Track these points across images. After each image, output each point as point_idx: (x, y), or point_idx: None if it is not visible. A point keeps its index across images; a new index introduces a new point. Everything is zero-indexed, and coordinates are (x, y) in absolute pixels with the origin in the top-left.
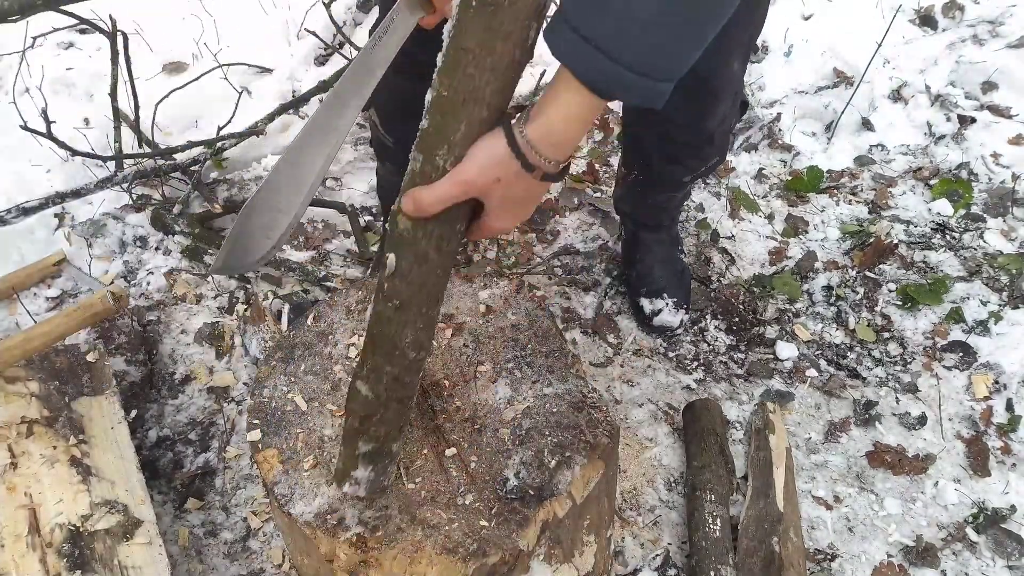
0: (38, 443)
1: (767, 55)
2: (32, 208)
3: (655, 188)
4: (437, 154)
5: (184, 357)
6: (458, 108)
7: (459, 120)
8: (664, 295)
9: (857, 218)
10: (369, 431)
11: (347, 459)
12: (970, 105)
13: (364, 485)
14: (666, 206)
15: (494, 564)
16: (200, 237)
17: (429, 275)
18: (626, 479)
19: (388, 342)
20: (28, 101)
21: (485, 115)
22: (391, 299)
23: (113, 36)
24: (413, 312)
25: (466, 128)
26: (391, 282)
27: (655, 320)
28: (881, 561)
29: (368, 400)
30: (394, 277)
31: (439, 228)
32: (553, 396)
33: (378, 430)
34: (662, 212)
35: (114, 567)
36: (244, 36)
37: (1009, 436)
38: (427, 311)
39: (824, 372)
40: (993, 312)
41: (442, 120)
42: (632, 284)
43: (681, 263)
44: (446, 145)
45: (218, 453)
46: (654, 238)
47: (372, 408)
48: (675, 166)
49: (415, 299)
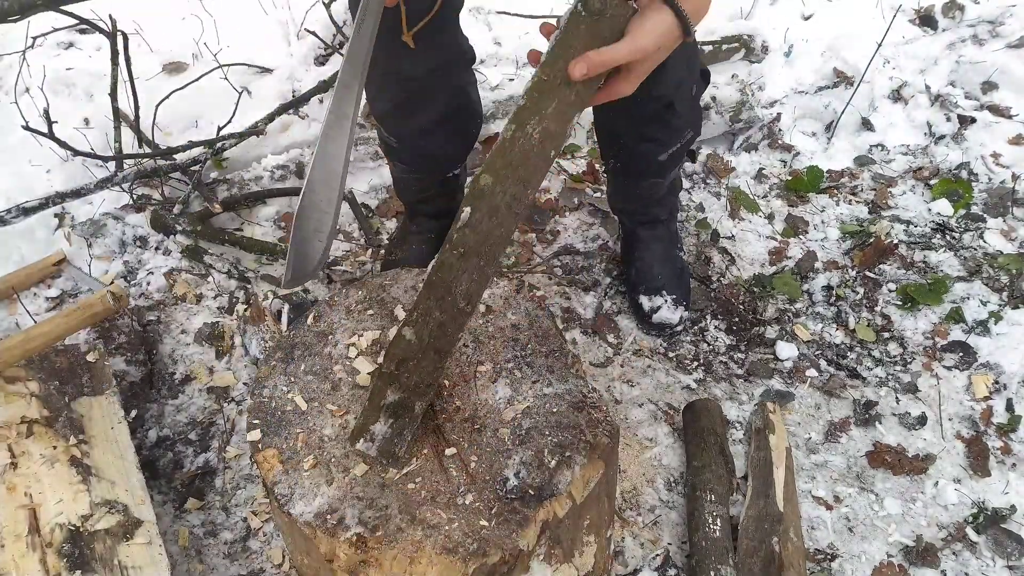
0: (38, 443)
1: (767, 55)
2: (32, 208)
3: (636, 174)
4: (529, 123)
5: (184, 357)
6: (553, 89)
7: (552, 99)
8: (663, 292)
9: (857, 218)
10: (402, 378)
11: (369, 412)
12: (970, 105)
13: (378, 442)
14: (655, 196)
15: (494, 564)
16: (202, 236)
17: (494, 229)
18: (626, 479)
19: (443, 287)
20: (28, 101)
21: (572, 98)
22: (457, 247)
23: (113, 36)
24: (472, 262)
25: (556, 105)
26: (461, 232)
27: (654, 317)
28: (881, 561)
29: (410, 344)
30: (465, 228)
31: (515, 186)
32: (553, 396)
33: (410, 378)
34: (654, 205)
35: (114, 567)
36: (244, 36)
37: (1009, 436)
38: (484, 266)
39: (824, 372)
40: (993, 312)
41: (539, 98)
42: (631, 282)
43: (680, 261)
44: (537, 116)
45: (218, 453)
46: (652, 235)
47: (411, 352)
48: (647, 144)
49: (477, 250)
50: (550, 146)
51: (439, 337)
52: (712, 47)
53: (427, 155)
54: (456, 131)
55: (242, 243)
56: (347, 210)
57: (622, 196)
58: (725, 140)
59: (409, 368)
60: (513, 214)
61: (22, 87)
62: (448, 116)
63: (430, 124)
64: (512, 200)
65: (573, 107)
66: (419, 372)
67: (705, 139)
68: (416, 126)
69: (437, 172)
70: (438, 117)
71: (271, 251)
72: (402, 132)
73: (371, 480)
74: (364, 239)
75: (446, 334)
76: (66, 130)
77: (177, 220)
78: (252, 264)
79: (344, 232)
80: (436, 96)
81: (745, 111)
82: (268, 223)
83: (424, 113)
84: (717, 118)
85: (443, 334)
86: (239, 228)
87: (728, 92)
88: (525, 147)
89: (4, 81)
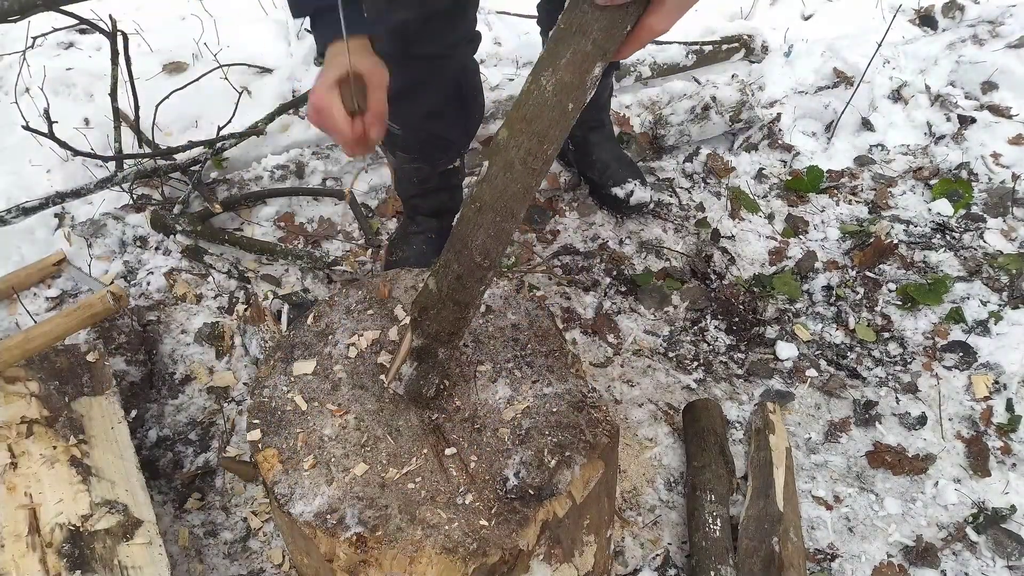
0: (38, 443)
1: (767, 55)
2: (32, 208)
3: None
4: (543, 75)
5: (184, 357)
6: (568, 37)
7: (567, 48)
8: (628, 180)
9: (857, 218)
10: (424, 324)
11: (401, 356)
12: (970, 105)
13: (405, 382)
14: (603, 100)
15: (494, 564)
16: (202, 236)
17: (510, 184)
18: (626, 479)
19: (460, 241)
20: (28, 101)
21: (588, 48)
22: (475, 201)
23: (113, 36)
24: (489, 217)
25: (570, 56)
26: (479, 186)
27: (632, 200)
28: (881, 561)
29: (431, 293)
30: (483, 182)
31: (529, 141)
32: (553, 396)
33: (431, 326)
34: (601, 109)
35: (114, 567)
36: (244, 36)
37: (1009, 436)
38: (500, 221)
39: (824, 372)
40: (993, 312)
41: (554, 47)
42: (596, 182)
43: (623, 152)
44: (551, 68)
45: (218, 453)
46: (601, 136)
47: (432, 301)
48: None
49: (493, 205)
50: (566, 99)
51: (457, 289)
52: (712, 47)
53: (432, 138)
54: (462, 113)
55: (242, 243)
56: (347, 210)
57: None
58: (725, 140)
59: (430, 316)
60: (529, 170)
61: (22, 87)
62: (455, 97)
63: (438, 105)
64: (527, 155)
65: (590, 58)
66: (439, 321)
67: (705, 139)
68: (423, 108)
69: (439, 159)
70: (445, 98)
71: (271, 251)
72: (408, 116)
73: (371, 480)
74: (364, 239)
75: (464, 286)
76: (66, 130)
77: (177, 220)
78: (252, 264)
79: (344, 232)
80: (444, 77)
81: (745, 111)
82: (268, 223)
83: (432, 94)
84: (717, 118)
85: (461, 286)
86: (239, 228)
87: (728, 92)
88: (539, 100)
89: (4, 81)
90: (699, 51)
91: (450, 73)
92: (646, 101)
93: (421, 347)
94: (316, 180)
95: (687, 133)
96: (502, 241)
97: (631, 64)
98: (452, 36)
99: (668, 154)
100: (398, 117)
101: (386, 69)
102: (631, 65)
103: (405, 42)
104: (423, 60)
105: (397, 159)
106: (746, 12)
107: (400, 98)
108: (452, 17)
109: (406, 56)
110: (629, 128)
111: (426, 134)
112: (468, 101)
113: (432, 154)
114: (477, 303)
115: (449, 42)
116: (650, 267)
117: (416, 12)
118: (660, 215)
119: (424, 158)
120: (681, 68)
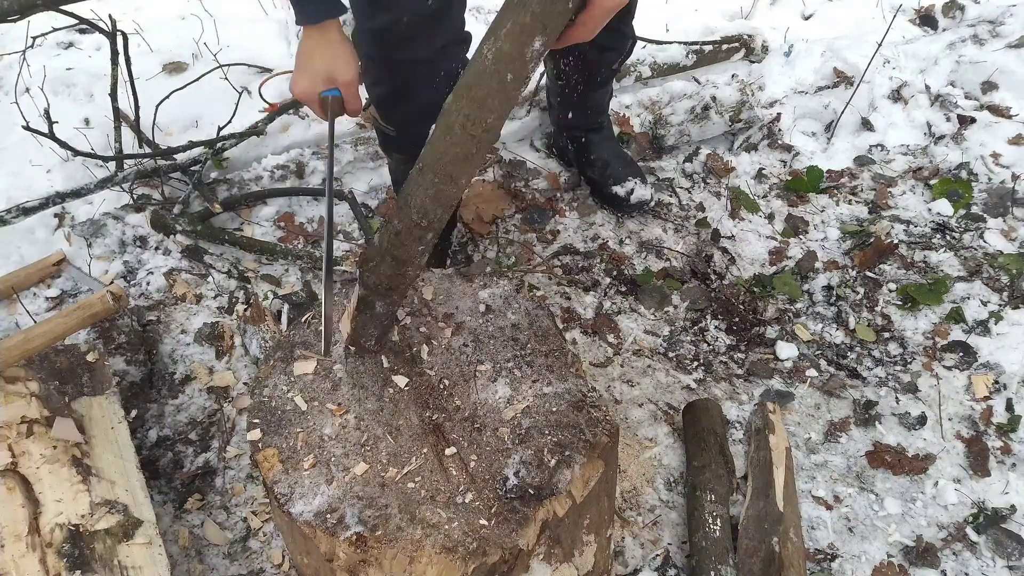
0: (38, 443)
1: (767, 55)
2: (32, 208)
3: (597, 84)
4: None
5: (184, 357)
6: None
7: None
8: (629, 178)
9: (857, 218)
10: (365, 276)
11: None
12: (970, 105)
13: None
14: (604, 103)
15: (494, 563)
16: (202, 236)
17: (449, 147)
18: (626, 479)
19: (404, 199)
20: (28, 101)
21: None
22: (419, 162)
23: (113, 36)
24: (428, 178)
25: (510, 26)
26: (425, 148)
27: (632, 198)
28: (881, 561)
29: (374, 247)
30: (428, 144)
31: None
32: (553, 395)
33: (370, 277)
34: (601, 112)
35: (114, 567)
36: (244, 36)
37: (1009, 436)
38: (439, 183)
39: (824, 372)
40: (993, 312)
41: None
42: (597, 181)
43: (623, 151)
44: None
45: (218, 453)
46: (600, 137)
47: (372, 255)
48: (608, 53)
49: (433, 166)
50: (505, 69)
51: (396, 246)
52: (712, 47)
53: (425, 140)
54: None
55: (242, 243)
56: (347, 210)
57: (578, 110)
58: (725, 140)
59: (370, 268)
60: (468, 135)
61: (22, 87)
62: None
63: (428, 108)
64: (465, 120)
65: (528, 29)
66: (377, 274)
67: (705, 139)
68: (414, 111)
69: None
70: (436, 100)
71: (271, 251)
72: (400, 118)
73: (371, 479)
74: (364, 239)
75: (402, 243)
76: (66, 130)
77: (177, 220)
78: (252, 264)
79: (344, 232)
80: (434, 79)
81: (745, 111)
82: (268, 223)
83: (422, 97)
84: (717, 118)
85: (400, 243)
86: (239, 228)
87: (728, 92)
88: (479, 68)
89: (4, 81)
90: (699, 51)
91: (441, 74)
92: (646, 101)
93: (362, 297)
94: (316, 180)
95: (687, 133)
96: (441, 204)
97: (631, 64)
98: (439, 39)
99: (668, 154)
100: (391, 118)
101: (353, 57)
102: (631, 65)
103: (389, 46)
104: (411, 64)
105: (394, 160)
106: (746, 12)
107: (391, 101)
108: (434, 21)
109: (393, 59)
110: (629, 128)
111: (420, 135)
112: None
113: None
114: (416, 263)
115: (435, 47)
116: (650, 267)
117: (396, 15)
118: (660, 215)
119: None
120: (681, 68)
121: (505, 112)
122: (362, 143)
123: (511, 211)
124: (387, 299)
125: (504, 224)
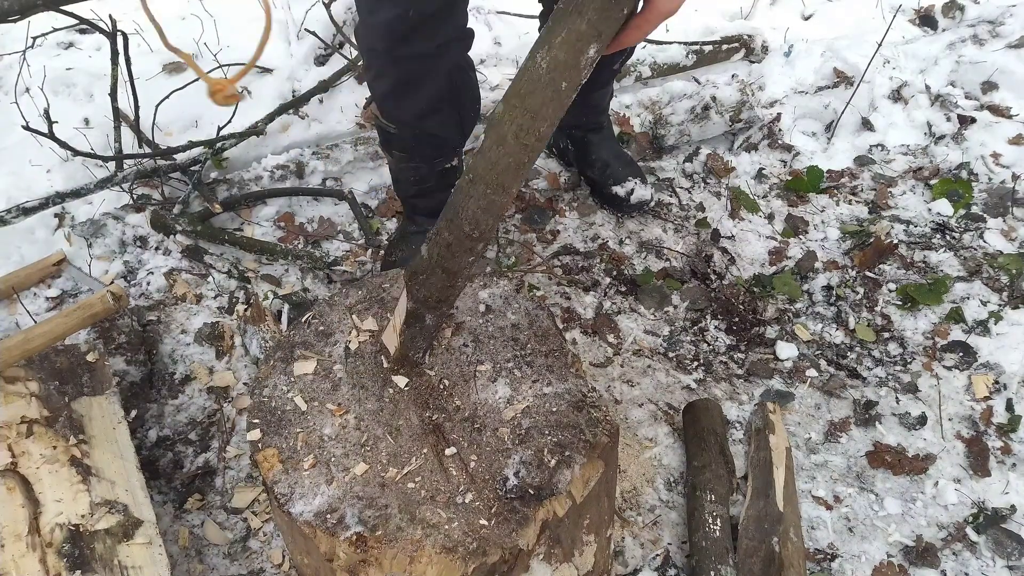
0: (38, 443)
1: (767, 55)
2: (32, 208)
3: (599, 85)
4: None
5: (184, 357)
6: (565, 17)
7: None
8: (629, 178)
9: (857, 218)
10: (414, 289)
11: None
12: (970, 105)
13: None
14: (604, 104)
15: (494, 563)
16: (202, 236)
17: (502, 158)
18: (626, 479)
19: (453, 210)
20: (28, 101)
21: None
22: (469, 173)
23: (113, 36)
24: (480, 188)
25: (565, 35)
26: (475, 159)
27: (632, 199)
28: (881, 561)
29: (422, 259)
30: (478, 154)
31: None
32: (553, 395)
33: (420, 291)
34: (601, 112)
35: (114, 567)
36: (244, 36)
37: (1009, 436)
38: (491, 194)
39: (824, 372)
40: (993, 312)
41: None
42: (597, 181)
43: (623, 151)
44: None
45: (218, 453)
46: (600, 137)
47: (422, 267)
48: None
49: (484, 177)
50: (560, 78)
51: (446, 257)
52: (712, 47)
53: (426, 137)
54: (455, 112)
55: (242, 243)
56: (347, 210)
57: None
58: (725, 140)
59: (419, 281)
60: (521, 145)
61: (22, 87)
62: (447, 95)
63: (430, 104)
64: (519, 130)
65: (584, 37)
66: (427, 287)
67: (705, 139)
68: (416, 107)
69: (435, 158)
70: (438, 96)
71: (271, 251)
72: (401, 115)
73: (371, 479)
74: (364, 239)
75: (453, 255)
76: (66, 130)
77: (177, 220)
78: (252, 264)
79: (344, 232)
80: (436, 75)
81: (745, 111)
82: (268, 223)
83: (424, 92)
84: (717, 118)
85: (450, 255)
86: (239, 228)
87: (728, 92)
88: (533, 77)
89: (4, 81)
90: (699, 51)
91: (443, 71)
92: (646, 101)
93: (411, 311)
94: (316, 180)
95: (687, 133)
96: (492, 214)
97: (631, 64)
98: (442, 35)
99: (668, 154)
100: (391, 116)
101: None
102: (631, 65)
103: (393, 40)
104: (414, 59)
105: (394, 158)
106: (746, 12)
107: (392, 96)
108: (441, 15)
109: (396, 54)
110: (629, 128)
111: (420, 133)
112: (462, 99)
113: (427, 153)
114: (467, 273)
115: (439, 41)
116: (650, 267)
117: (403, 9)
118: (660, 215)
119: (420, 157)
120: (681, 68)
121: (557, 120)
122: (362, 143)
123: (511, 211)
124: (437, 311)
125: (504, 224)
